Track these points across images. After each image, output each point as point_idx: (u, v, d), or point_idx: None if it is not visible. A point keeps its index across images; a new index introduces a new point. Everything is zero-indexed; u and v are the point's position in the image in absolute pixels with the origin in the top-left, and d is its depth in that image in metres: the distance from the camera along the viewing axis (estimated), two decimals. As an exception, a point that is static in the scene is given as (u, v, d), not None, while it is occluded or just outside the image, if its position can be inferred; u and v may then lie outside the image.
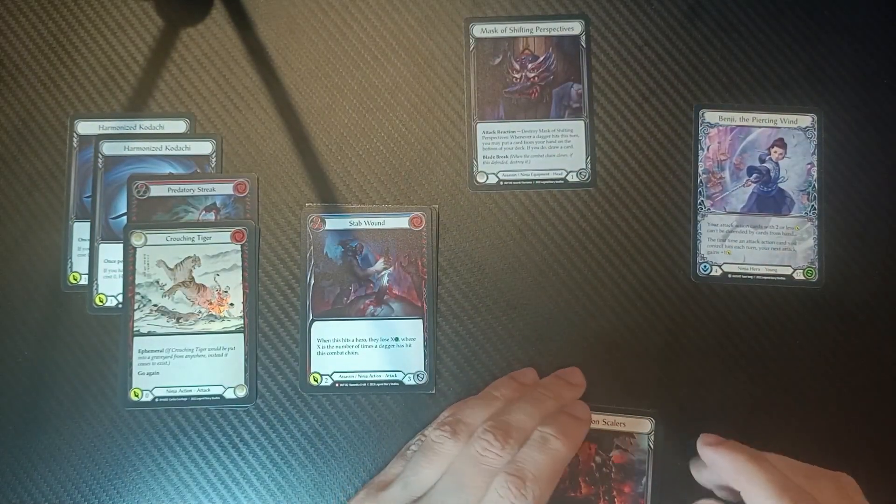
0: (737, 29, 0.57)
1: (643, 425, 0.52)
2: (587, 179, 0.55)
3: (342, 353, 0.53)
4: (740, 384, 0.53)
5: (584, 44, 0.57)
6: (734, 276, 0.54)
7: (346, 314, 0.54)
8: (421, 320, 0.53)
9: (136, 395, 0.53)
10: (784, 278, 0.54)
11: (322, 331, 0.53)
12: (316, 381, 0.53)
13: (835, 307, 0.54)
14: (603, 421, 0.52)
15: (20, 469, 0.53)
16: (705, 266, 0.54)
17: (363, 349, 0.53)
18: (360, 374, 0.53)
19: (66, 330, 0.54)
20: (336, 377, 0.53)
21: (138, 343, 0.53)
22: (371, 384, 0.53)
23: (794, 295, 0.54)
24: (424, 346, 0.53)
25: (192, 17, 0.57)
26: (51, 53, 0.56)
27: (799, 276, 0.54)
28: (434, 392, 0.53)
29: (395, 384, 0.53)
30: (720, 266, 0.54)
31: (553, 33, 0.57)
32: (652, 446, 0.52)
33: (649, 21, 0.57)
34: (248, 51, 0.57)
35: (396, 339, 0.53)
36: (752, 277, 0.54)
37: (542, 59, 0.56)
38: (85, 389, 0.53)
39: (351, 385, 0.53)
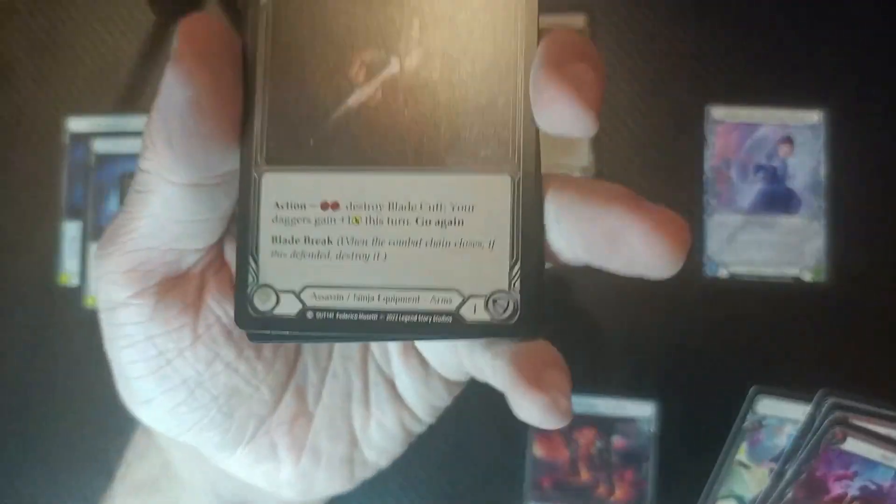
0: (744, 24, 0.56)
1: (645, 410, 0.52)
2: (591, 176, 0.55)
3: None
4: (747, 386, 0.53)
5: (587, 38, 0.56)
6: (741, 276, 0.54)
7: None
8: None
9: (130, 399, 0.52)
10: (792, 279, 0.54)
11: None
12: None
13: (843, 307, 0.54)
14: (604, 405, 0.52)
15: (12, 470, 0.52)
16: (712, 266, 0.54)
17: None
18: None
19: (58, 331, 0.53)
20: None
21: (132, 345, 0.52)
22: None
23: (802, 295, 0.54)
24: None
25: (186, 11, 0.56)
26: (42, 49, 0.56)
27: (807, 276, 0.54)
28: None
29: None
30: (727, 266, 0.54)
31: (555, 27, 0.56)
32: (654, 431, 0.51)
33: (654, 15, 0.56)
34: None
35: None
36: (759, 278, 0.54)
37: (544, 54, 0.56)
38: (77, 391, 0.53)
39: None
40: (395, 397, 0.25)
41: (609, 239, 0.18)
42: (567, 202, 0.19)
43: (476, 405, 0.56)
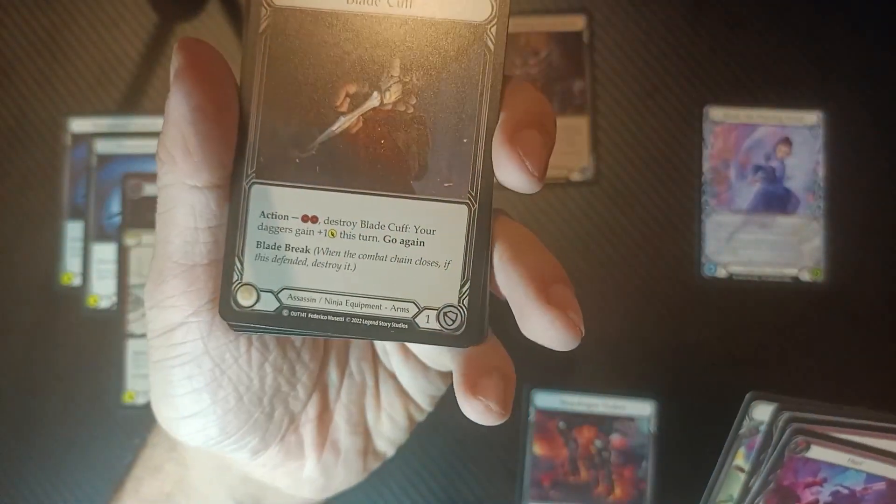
0: (742, 24, 0.56)
1: (644, 409, 0.52)
2: (590, 177, 0.55)
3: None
4: (746, 386, 0.53)
5: (586, 39, 0.56)
6: (739, 276, 0.54)
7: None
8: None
9: (131, 398, 0.52)
10: (790, 279, 0.54)
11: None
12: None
13: (842, 307, 0.54)
14: (603, 404, 0.52)
15: (13, 471, 0.52)
16: (710, 266, 0.54)
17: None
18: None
19: (59, 331, 0.53)
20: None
21: (132, 345, 0.52)
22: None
23: (801, 295, 0.54)
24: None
25: (187, 12, 0.56)
26: (44, 50, 0.56)
27: (805, 276, 0.54)
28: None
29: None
30: (725, 266, 0.54)
31: (555, 28, 0.56)
32: (653, 430, 0.51)
33: (653, 16, 0.56)
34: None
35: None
36: (757, 278, 0.54)
37: (543, 54, 0.56)
38: (78, 392, 0.53)
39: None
40: (401, 391, 0.28)
41: (520, 311, 0.22)
42: (501, 259, 0.22)
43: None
